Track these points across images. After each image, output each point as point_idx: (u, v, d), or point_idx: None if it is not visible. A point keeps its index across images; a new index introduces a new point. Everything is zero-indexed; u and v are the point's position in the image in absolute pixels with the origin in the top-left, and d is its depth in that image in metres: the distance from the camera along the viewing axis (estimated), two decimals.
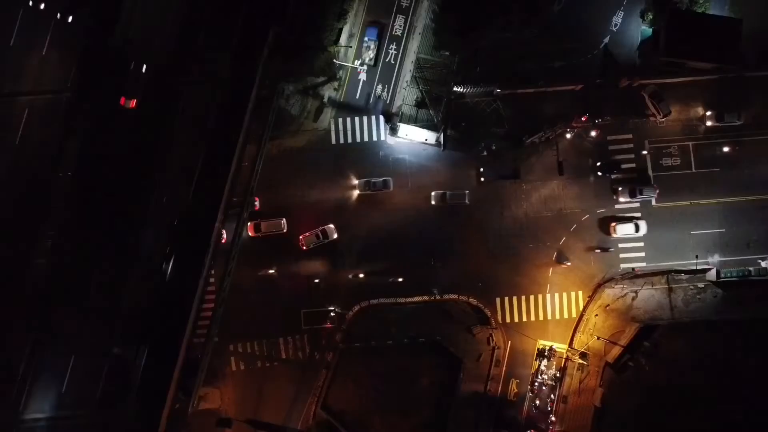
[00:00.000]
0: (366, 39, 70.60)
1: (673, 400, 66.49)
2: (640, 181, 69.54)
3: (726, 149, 69.12)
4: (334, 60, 70.56)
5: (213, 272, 66.64)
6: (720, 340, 67.93)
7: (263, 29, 66.18)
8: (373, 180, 69.43)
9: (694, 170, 70.00)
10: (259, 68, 66.06)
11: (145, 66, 66.79)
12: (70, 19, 67.69)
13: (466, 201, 69.67)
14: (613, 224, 69.03)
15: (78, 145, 66.53)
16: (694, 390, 66.46)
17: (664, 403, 66.78)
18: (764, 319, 67.53)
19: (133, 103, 65.80)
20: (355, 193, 70.12)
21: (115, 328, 63.87)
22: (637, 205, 69.69)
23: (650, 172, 69.98)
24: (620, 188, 69.21)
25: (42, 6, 68.05)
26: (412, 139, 70.17)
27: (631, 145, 70.62)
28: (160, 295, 64.25)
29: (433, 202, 69.81)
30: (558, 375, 68.29)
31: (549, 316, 69.52)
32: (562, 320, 69.56)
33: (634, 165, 70.36)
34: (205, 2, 67.73)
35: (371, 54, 70.48)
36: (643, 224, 68.83)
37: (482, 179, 70.09)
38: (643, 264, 69.43)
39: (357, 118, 71.17)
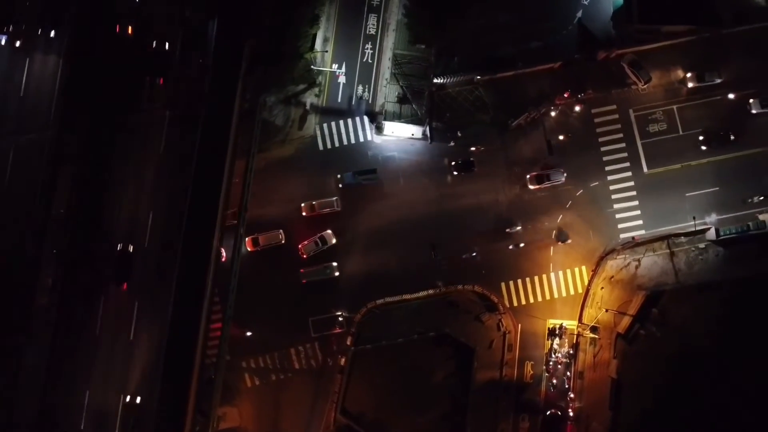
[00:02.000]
0: None
1: (687, 366, 66.29)
2: (548, 166, 69.74)
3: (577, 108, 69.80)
4: (312, 66, 70.66)
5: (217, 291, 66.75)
6: (727, 299, 67.82)
7: (239, 43, 66.21)
8: None
9: (681, 133, 70.24)
10: (239, 83, 66.06)
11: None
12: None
13: (336, 207, 69.10)
14: None
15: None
16: (707, 353, 66.29)
17: (679, 369, 66.61)
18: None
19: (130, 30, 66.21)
20: (350, 199, 70.02)
21: None
22: (629, 173, 69.91)
23: (638, 140, 70.24)
24: (528, 176, 69.27)
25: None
26: (399, 135, 70.29)
27: (617, 116, 70.82)
28: None
29: (304, 213, 69.34)
30: (571, 352, 68.32)
31: (555, 295, 69.61)
32: (568, 297, 69.66)
33: (621, 135, 70.55)
34: (178, 22, 67.73)
35: None
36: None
37: (340, 186, 69.49)
38: (642, 231, 69.57)
39: (342, 122, 71.26)
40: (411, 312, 69.56)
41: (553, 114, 70.82)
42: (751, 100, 69.48)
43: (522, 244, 69.41)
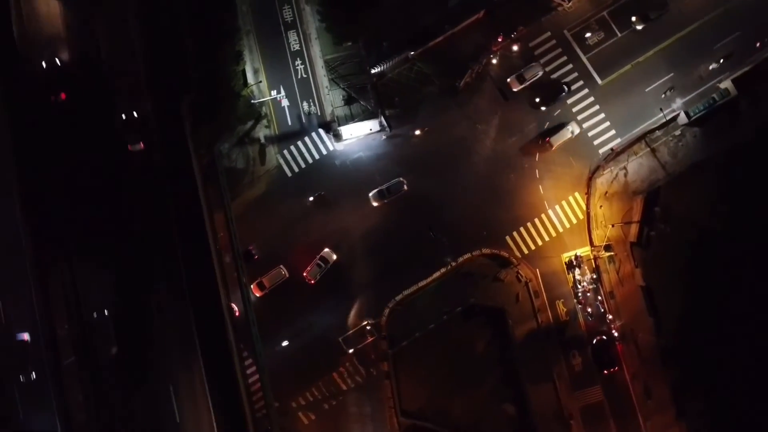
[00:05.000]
0: None
1: (705, 249, 66.37)
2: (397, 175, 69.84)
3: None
4: (252, 100, 70.46)
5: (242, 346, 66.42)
6: (720, 173, 68.33)
7: (175, 105, 65.88)
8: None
9: (620, 35, 70.93)
10: (189, 143, 65.72)
11: None
12: None
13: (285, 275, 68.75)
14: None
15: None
16: (719, 231, 66.43)
17: (699, 255, 66.90)
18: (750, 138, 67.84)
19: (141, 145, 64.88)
20: (335, 211, 70.05)
21: None
22: (586, 90, 70.46)
23: (581, 55, 70.79)
24: (369, 195, 69.42)
25: None
26: (358, 135, 70.33)
27: (554, 41, 71.35)
28: None
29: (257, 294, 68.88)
30: (594, 276, 68.83)
31: (560, 229, 69.99)
32: (573, 227, 70.04)
33: (565, 58, 71.01)
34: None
35: None
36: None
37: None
38: (618, 140, 70.15)
39: (300, 143, 71.15)
40: (432, 296, 69.59)
41: (494, 61, 71.29)
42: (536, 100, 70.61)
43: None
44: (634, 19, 70.59)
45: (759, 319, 63.04)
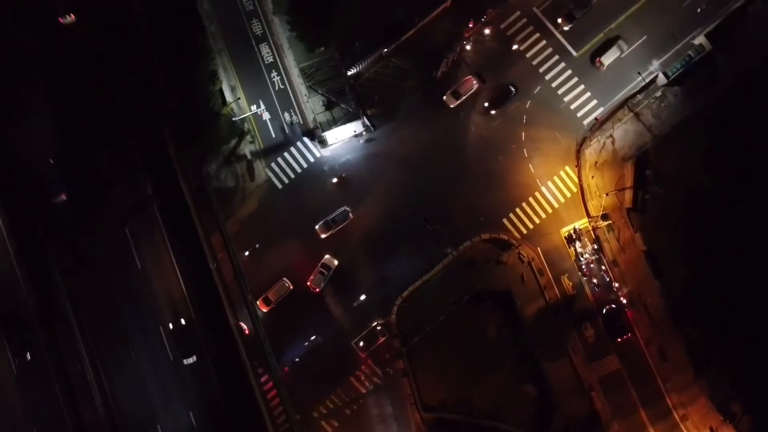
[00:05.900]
0: None
1: (702, 206, 66.64)
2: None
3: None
4: (233, 118, 70.36)
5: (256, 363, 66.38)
6: (706, 128, 68.42)
7: (158, 134, 65.76)
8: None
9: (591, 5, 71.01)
10: (176, 170, 65.60)
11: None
12: None
13: (289, 286, 68.84)
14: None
15: None
16: (713, 186, 66.67)
17: (696, 212, 67.01)
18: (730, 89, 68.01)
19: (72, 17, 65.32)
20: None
21: None
22: (563, 64, 70.54)
23: (554, 30, 70.95)
24: (317, 226, 69.14)
25: None
26: (343, 138, 70.35)
27: (525, 20, 71.44)
28: None
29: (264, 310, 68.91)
30: (595, 247, 69.00)
31: (555, 205, 70.07)
32: (568, 201, 70.16)
33: (539, 35, 71.05)
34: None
35: None
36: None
37: None
38: (601, 109, 70.24)
39: (286, 154, 71.14)
40: (438, 288, 69.55)
41: (468, 47, 71.37)
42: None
43: None
44: (560, 20, 70.61)
45: (761, 267, 63.26)
